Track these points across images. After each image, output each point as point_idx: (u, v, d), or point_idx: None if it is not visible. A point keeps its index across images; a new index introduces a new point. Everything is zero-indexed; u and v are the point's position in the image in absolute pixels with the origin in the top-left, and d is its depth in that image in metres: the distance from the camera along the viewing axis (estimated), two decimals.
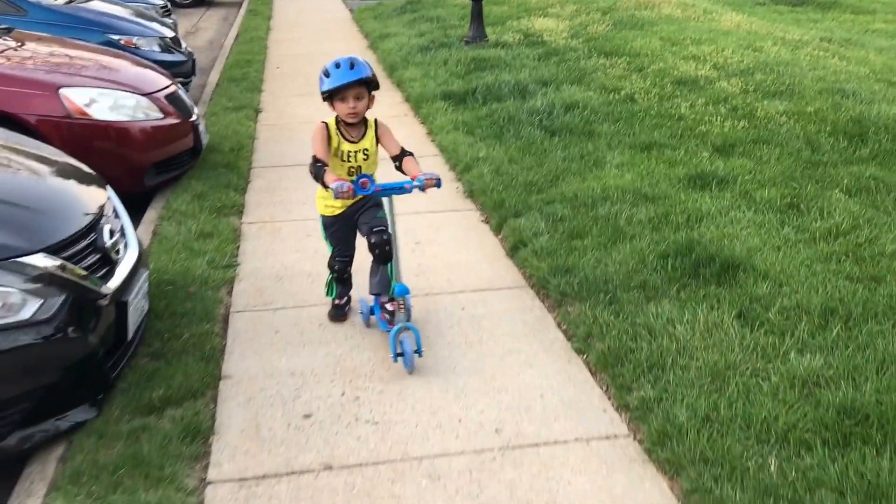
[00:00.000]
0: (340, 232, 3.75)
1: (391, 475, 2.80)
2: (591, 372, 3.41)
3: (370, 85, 3.48)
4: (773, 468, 2.65)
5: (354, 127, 3.55)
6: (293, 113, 7.95)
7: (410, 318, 3.54)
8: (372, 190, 3.35)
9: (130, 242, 3.57)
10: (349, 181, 3.29)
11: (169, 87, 5.99)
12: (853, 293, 3.74)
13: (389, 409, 3.18)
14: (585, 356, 3.51)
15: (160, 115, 5.62)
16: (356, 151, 3.55)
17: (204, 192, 5.54)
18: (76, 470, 2.80)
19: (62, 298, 2.92)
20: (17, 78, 5.19)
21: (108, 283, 3.17)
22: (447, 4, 13.48)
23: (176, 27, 9.97)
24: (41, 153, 3.84)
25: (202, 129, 6.11)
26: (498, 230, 4.94)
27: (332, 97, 3.47)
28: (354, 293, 3.96)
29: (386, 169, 3.71)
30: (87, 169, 3.85)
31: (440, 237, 4.89)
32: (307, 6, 16.51)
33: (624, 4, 12.04)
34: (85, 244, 3.17)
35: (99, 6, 8.55)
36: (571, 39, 9.97)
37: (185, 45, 9.01)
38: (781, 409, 2.93)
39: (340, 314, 3.90)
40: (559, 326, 3.79)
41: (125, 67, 6.04)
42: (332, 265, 3.86)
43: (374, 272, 3.68)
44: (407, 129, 7.25)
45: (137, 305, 3.40)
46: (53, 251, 2.98)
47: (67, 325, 2.92)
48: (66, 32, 7.18)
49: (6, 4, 7.56)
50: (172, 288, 4.11)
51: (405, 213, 3.42)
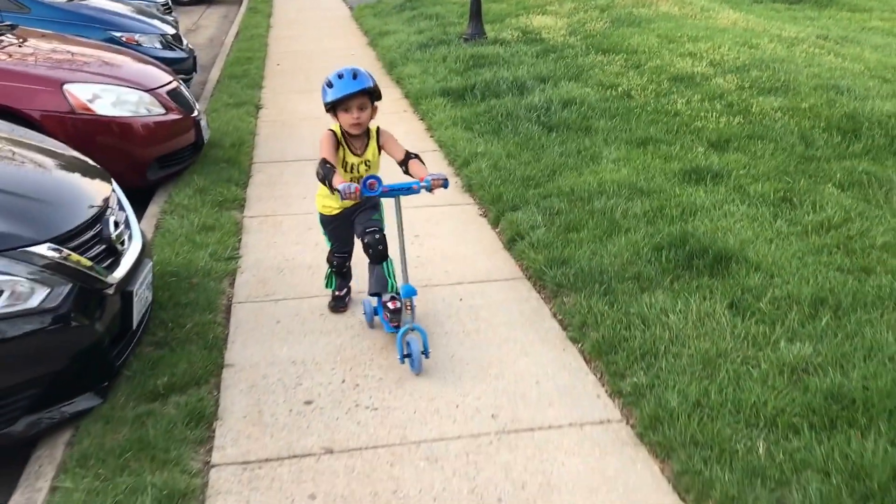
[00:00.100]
0: (338, 230, 3.80)
1: (390, 458, 2.87)
2: (585, 360, 3.48)
3: (373, 95, 3.46)
4: (761, 450, 2.73)
5: (358, 138, 3.54)
6: (293, 109, 8.02)
7: (414, 318, 3.48)
8: (379, 191, 3.30)
9: (134, 234, 3.64)
10: (356, 183, 3.28)
11: (171, 83, 6.05)
12: (843, 284, 3.81)
13: (388, 395, 3.26)
14: (580, 345, 3.58)
15: (162, 110, 5.68)
16: (359, 163, 3.56)
17: (206, 186, 5.61)
18: (83, 453, 2.87)
19: (69, 288, 2.98)
20: (21, 74, 5.25)
21: (113, 273, 3.24)
22: (446, 2, 13.54)
23: (177, 24, 10.03)
24: (48, 147, 3.91)
25: (204, 124, 6.18)
26: (496, 223, 5.01)
27: (335, 108, 3.45)
28: (354, 283, 4.03)
29: (390, 169, 3.70)
30: (91, 162, 3.92)
31: (439, 230, 4.96)
32: (307, 4, 16.56)
33: (622, 2, 12.10)
34: (91, 235, 3.24)
35: (101, 3, 8.60)
36: (569, 37, 10.04)
37: (186, 42, 9.07)
38: (770, 394, 3.00)
39: (341, 305, 3.98)
40: (555, 316, 3.87)
41: (128, 64, 6.10)
42: (330, 260, 3.92)
43: (370, 272, 3.69)
44: (406, 125, 7.33)
45: (142, 295, 3.47)
46: (60, 241, 3.05)
47: (74, 313, 2.99)
48: (68, 29, 7.24)
49: (9, 2, 7.64)
50: (175, 279, 4.18)
51: (404, 207, 3.46)
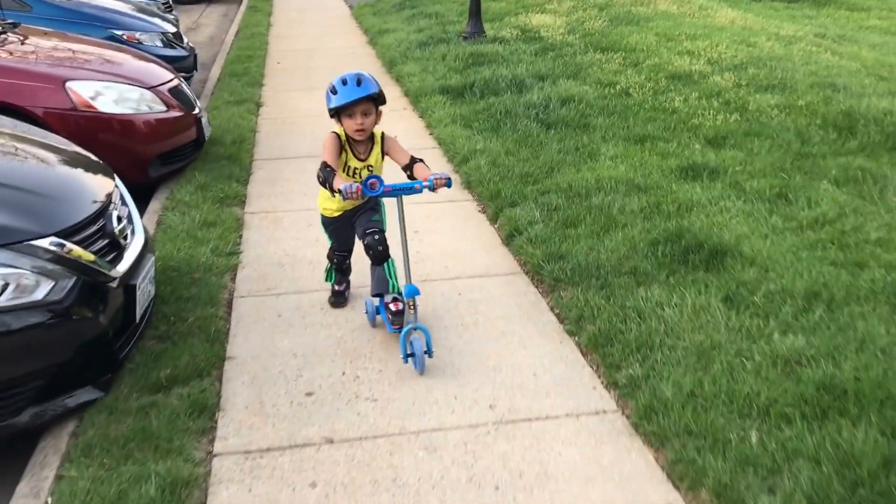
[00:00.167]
0: (339, 231, 3.83)
1: (389, 448, 2.92)
2: (581, 352, 3.54)
3: (377, 101, 3.44)
4: (753, 440, 2.78)
5: (362, 142, 3.53)
6: (294, 107, 8.06)
7: (417, 317, 3.45)
8: (381, 191, 3.30)
9: (137, 229, 3.69)
10: (358, 182, 3.28)
11: (172, 80, 6.10)
12: (837, 278, 3.86)
13: (388, 387, 3.31)
14: (577, 337, 3.64)
15: (164, 107, 5.73)
16: (362, 168, 3.56)
17: (207, 183, 5.66)
18: (88, 443, 2.93)
19: (73, 281, 3.03)
20: (24, 71, 5.30)
21: (116, 267, 3.29)
22: (445, 0, 13.58)
23: (178, 23, 10.07)
24: (51, 143, 3.95)
25: (205, 121, 6.22)
26: (494, 219, 5.06)
27: (339, 114, 3.43)
28: (354, 278, 4.08)
29: (393, 171, 3.70)
30: (94, 158, 3.97)
31: (438, 226, 5.01)
32: (307, 3, 16.59)
33: (620, 1, 12.14)
34: (94, 229, 3.29)
35: (102, 2, 8.64)
36: (568, 35, 10.09)
37: (186, 40, 9.11)
38: (763, 385, 3.05)
39: (341, 300, 4.02)
40: (552, 310, 3.92)
41: (129, 61, 6.15)
42: (331, 257, 3.97)
43: (372, 273, 3.70)
44: (406, 122, 7.37)
45: (145, 289, 3.52)
46: (65, 235, 3.10)
47: (78, 306, 3.04)
48: (69, 27, 7.27)
49: (12, 0, 7.67)
50: (177, 274, 4.23)
51: (404, 204, 3.51)
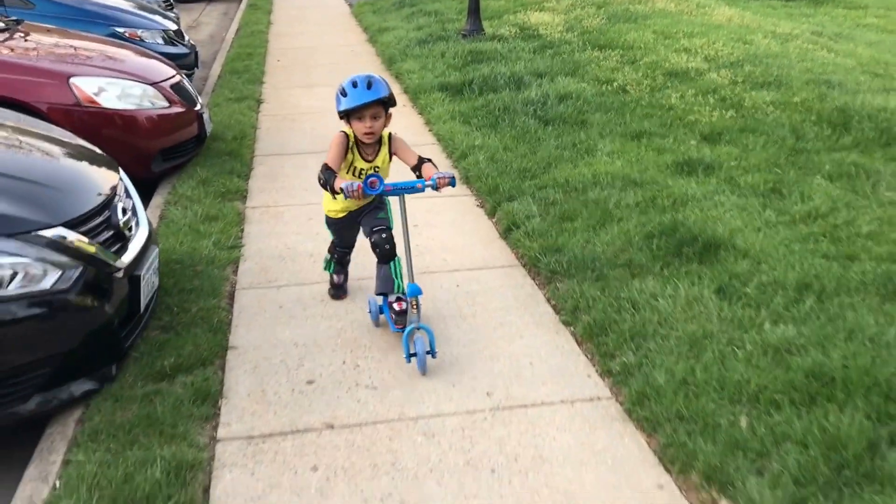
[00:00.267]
0: (343, 230, 3.87)
1: (389, 433, 3.00)
2: (577, 342, 3.61)
3: (387, 104, 3.43)
4: (743, 424, 2.85)
5: (370, 144, 3.53)
6: (294, 104, 8.13)
7: (420, 317, 3.45)
8: (381, 189, 3.31)
9: (141, 221, 3.76)
10: (359, 181, 3.30)
11: (174, 77, 6.17)
12: (828, 269, 3.93)
13: (388, 375, 3.38)
14: (572, 328, 3.71)
15: (166, 103, 5.80)
16: (369, 168, 3.54)
17: (209, 178, 5.73)
18: (94, 429, 3.00)
19: (79, 270, 3.10)
20: (29, 67, 5.36)
21: (121, 257, 3.36)
22: None
23: (178, 20, 10.13)
24: (58, 136, 4.03)
25: (206, 117, 6.29)
26: (492, 214, 5.13)
27: (348, 116, 3.42)
28: (353, 270, 4.14)
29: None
30: (99, 151, 4.04)
31: (437, 220, 5.08)
32: (307, 1, 16.64)
33: None
34: (100, 221, 3.36)
35: None
36: (566, 33, 10.16)
37: (187, 38, 9.18)
38: (754, 372, 3.12)
39: (341, 293, 4.09)
40: (548, 301, 3.99)
41: (131, 58, 6.21)
42: (332, 251, 4.03)
43: (378, 271, 3.69)
44: (405, 119, 7.44)
45: (149, 280, 3.59)
46: (71, 226, 3.17)
47: (84, 295, 3.11)
48: (72, 25, 7.34)
49: None
50: (180, 267, 4.30)
51: (406, 199, 3.56)
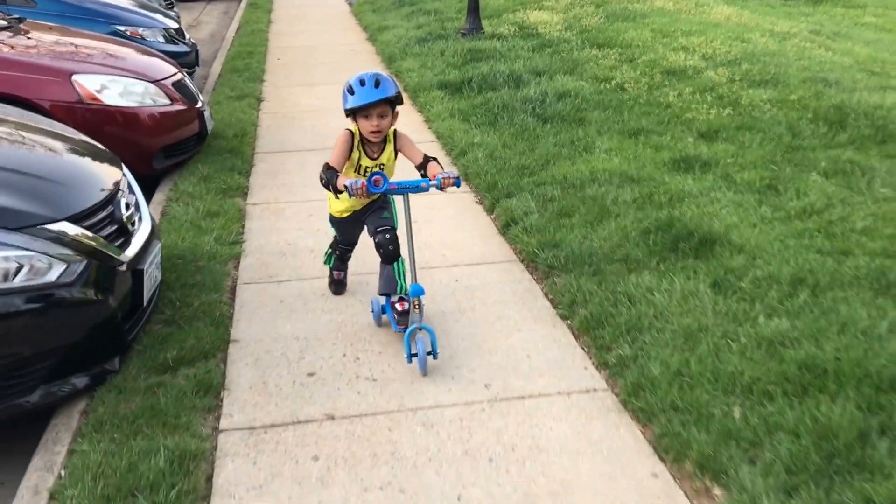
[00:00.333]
0: (347, 229, 3.89)
1: (388, 424, 3.05)
2: (574, 335, 3.66)
3: (394, 102, 3.40)
4: (736, 415, 2.90)
5: (376, 143, 3.51)
6: (294, 102, 8.18)
7: (423, 317, 3.43)
8: (385, 188, 3.29)
9: (144, 216, 3.81)
10: (363, 179, 3.29)
11: (175, 74, 6.21)
12: (822, 264, 3.98)
13: (387, 367, 3.43)
14: (569, 321, 3.76)
15: (167, 101, 5.85)
16: (374, 166, 3.53)
17: (210, 175, 5.77)
18: (98, 420, 3.04)
19: (84, 264, 3.15)
20: (31, 65, 5.41)
21: (124, 251, 3.42)
22: None
23: (179, 19, 10.18)
24: (61, 132, 4.08)
25: (207, 115, 6.34)
26: (491, 210, 5.18)
27: (355, 114, 3.41)
28: (353, 265, 4.19)
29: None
30: (102, 147, 4.10)
31: (437, 217, 5.12)
32: (307, 0, 16.69)
33: None
34: (104, 215, 3.42)
35: None
36: (565, 31, 10.20)
37: (188, 36, 9.22)
38: (748, 365, 3.17)
39: (341, 288, 4.14)
40: (546, 296, 4.04)
41: (133, 56, 6.26)
42: (334, 247, 4.07)
43: (381, 272, 3.68)
44: (405, 117, 7.43)
45: (152, 274, 3.64)
46: (75, 220, 3.22)
47: (88, 288, 3.16)
48: (73, 23, 7.39)
49: None
50: (182, 262, 4.35)
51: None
